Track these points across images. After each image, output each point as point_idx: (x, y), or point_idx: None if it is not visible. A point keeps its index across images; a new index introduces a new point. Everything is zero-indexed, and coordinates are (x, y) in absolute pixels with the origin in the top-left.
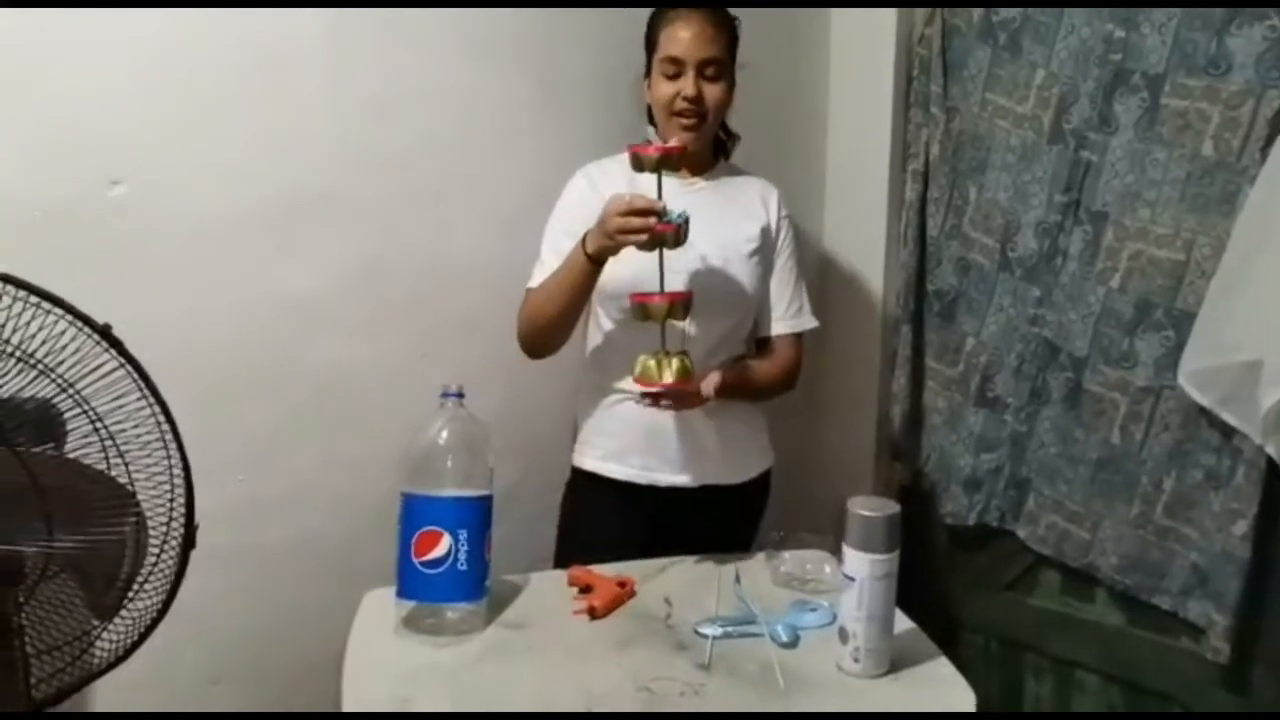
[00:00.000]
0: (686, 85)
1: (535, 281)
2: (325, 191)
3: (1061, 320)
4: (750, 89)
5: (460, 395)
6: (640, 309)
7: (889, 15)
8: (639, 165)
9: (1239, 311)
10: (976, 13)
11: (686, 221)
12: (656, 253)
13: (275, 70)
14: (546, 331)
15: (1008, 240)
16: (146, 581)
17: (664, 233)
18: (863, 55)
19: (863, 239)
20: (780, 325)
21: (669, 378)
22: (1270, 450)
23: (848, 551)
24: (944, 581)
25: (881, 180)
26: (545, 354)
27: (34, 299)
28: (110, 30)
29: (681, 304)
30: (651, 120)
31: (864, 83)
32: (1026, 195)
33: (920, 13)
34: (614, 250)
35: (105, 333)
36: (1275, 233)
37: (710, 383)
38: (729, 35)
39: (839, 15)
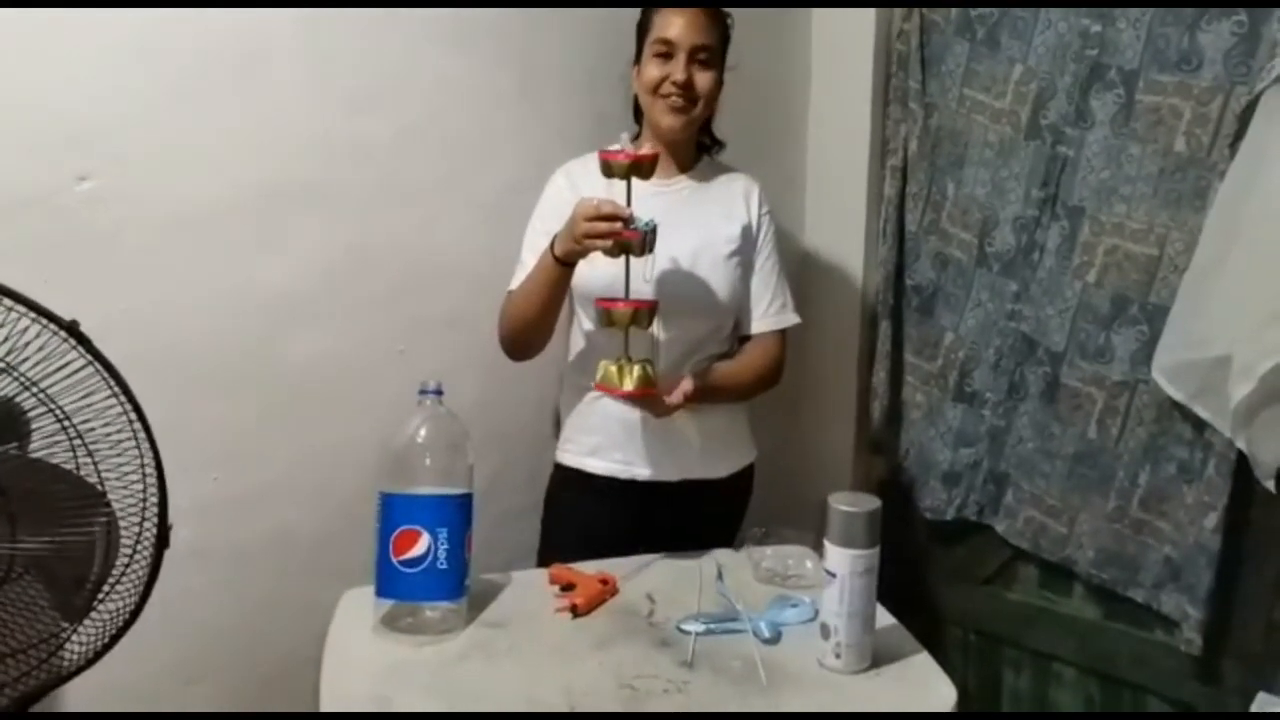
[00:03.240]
0: (677, 69)
1: (515, 283)
2: (301, 185)
3: (1039, 315)
4: (731, 86)
5: (439, 392)
6: (604, 314)
7: (868, 12)
8: (609, 171)
9: (1210, 307)
10: (954, 8)
11: (654, 230)
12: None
13: (250, 62)
14: (524, 334)
15: (985, 235)
16: (119, 582)
17: (630, 239)
18: (842, 52)
19: (842, 235)
20: (762, 323)
21: (629, 385)
22: (1240, 444)
23: (829, 547)
24: (924, 576)
25: (861, 176)
26: (527, 356)
27: None
28: (80, 20)
29: (646, 311)
30: (637, 117)
31: (843, 79)
32: (1004, 190)
33: (899, 9)
34: (581, 254)
35: (72, 329)
36: (1243, 228)
37: (679, 392)
38: (722, 29)
39: (819, 12)
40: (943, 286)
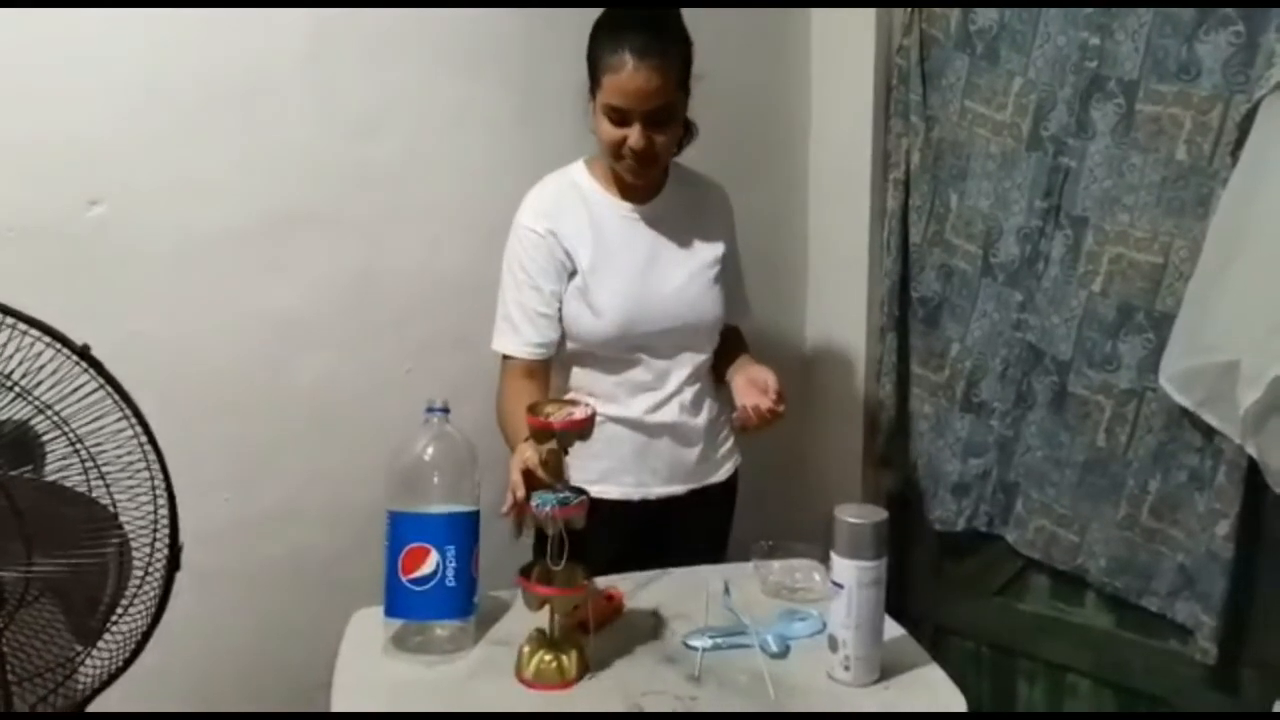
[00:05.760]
0: (633, 136)
1: (502, 342)
2: (309, 209)
3: (1044, 324)
4: (733, 101)
5: (445, 410)
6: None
7: (868, 27)
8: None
9: (1216, 313)
10: (954, 23)
11: (568, 504)
12: (648, 304)
13: (258, 88)
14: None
15: (990, 246)
16: (131, 604)
17: (533, 514)
18: (843, 66)
19: (846, 248)
20: (744, 320)
21: (527, 673)
22: (1250, 450)
23: (835, 559)
24: (934, 587)
25: (864, 189)
26: None
27: (10, 320)
28: (89, 49)
29: (564, 600)
30: None
31: (844, 93)
32: (1007, 201)
33: (898, 24)
34: None
35: (84, 353)
36: (1247, 234)
37: (773, 401)
38: (679, 71)
39: (819, 27)
40: (948, 298)
